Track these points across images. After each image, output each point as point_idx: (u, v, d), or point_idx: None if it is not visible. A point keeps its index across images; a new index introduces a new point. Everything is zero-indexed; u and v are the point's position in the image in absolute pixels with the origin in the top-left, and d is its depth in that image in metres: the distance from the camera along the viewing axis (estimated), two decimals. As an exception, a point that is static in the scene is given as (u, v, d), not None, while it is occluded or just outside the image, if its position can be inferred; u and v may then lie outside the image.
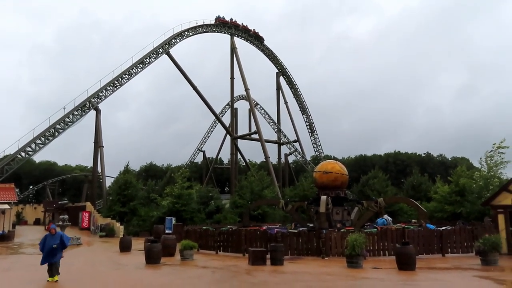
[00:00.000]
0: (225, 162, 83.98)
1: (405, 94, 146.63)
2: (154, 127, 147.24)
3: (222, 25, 55.42)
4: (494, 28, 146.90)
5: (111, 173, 51.09)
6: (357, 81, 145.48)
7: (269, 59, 63.34)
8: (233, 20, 57.74)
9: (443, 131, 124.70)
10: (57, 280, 11.04)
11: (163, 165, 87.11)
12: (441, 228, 17.70)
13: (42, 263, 11.20)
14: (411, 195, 34.91)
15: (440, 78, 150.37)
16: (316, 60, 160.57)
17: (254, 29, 60.80)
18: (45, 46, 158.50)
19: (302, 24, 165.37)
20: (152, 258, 14.96)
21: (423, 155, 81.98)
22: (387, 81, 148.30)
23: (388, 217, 23.71)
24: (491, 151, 26.00)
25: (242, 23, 58.77)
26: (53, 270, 11.16)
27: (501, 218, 17.01)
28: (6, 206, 30.53)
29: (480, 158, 27.28)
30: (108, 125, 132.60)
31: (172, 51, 48.24)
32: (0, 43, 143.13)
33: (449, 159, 79.49)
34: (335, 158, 70.57)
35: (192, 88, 49.25)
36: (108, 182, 50.67)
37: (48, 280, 10.98)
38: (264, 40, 62.74)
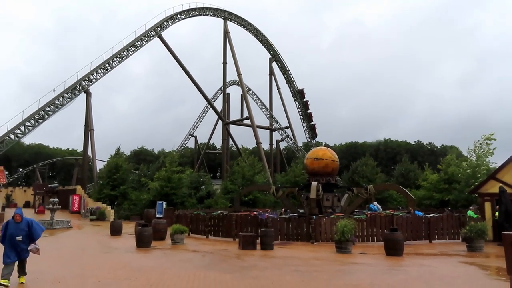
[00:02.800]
0: (217, 148, 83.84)
1: (407, 81, 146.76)
2: (153, 112, 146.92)
3: (215, 9, 54.72)
4: (499, 17, 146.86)
5: (105, 156, 50.86)
6: (360, 69, 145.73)
7: (262, 45, 62.82)
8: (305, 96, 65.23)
9: (441, 119, 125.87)
10: (22, 282, 8.22)
11: (153, 149, 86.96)
12: (429, 215, 17.94)
13: (4, 262, 7.97)
14: (401, 183, 35.26)
15: (442, 66, 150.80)
16: (321, 47, 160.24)
17: (308, 102, 65.75)
18: (43, 26, 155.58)
19: (303, 12, 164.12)
20: (142, 242, 15.00)
21: (413, 143, 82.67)
22: (390, 69, 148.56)
23: (377, 204, 23.99)
24: (478, 140, 26.32)
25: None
26: (9, 270, 7.91)
27: (487, 206, 17.29)
28: (-5, 189, 30.26)
29: (468, 148, 27.55)
30: (105, 108, 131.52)
31: (165, 34, 47.68)
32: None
33: (439, 147, 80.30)
34: (326, 145, 71.00)
35: (184, 73, 48.89)
36: (100, 165, 50.43)
37: None
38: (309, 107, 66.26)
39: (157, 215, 25.75)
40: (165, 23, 47.81)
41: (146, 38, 45.70)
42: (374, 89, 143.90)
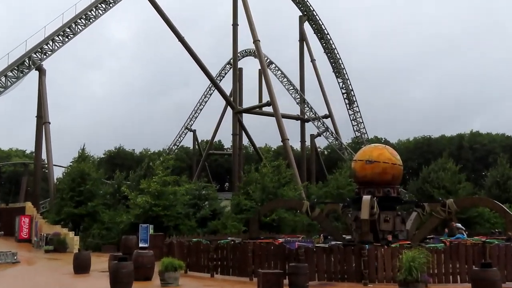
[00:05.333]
0: (225, 147, 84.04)
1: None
2: (140, 96, 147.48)
3: None
4: None
5: (70, 160, 51.10)
6: (440, 32, 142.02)
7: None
8: None
9: None
10: None
11: (133, 150, 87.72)
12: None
13: None
14: (496, 196, 34.67)
15: None
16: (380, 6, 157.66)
17: None
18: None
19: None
20: (120, 283, 15.07)
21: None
22: (487, 32, 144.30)
23: (462, 229, 23.65)
24: None
25: None
26: None
27: None
28: None
29: None
30: (76, 92, 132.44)
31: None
32: None
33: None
34: (385, 142, 70.29)
35: (178, 40, 49.22)
36: (59, 172, 50.97)
37: None
38: None
39: (141, 244, 25.94)
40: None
41: (123, -9, 46.18)
42: (466, 58, 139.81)
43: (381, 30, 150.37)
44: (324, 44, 65.74)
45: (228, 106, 57.78)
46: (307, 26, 63.62)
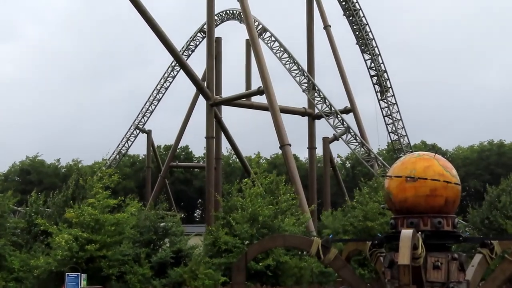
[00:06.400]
0: (195, 156, 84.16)
1: None
2: (75, 81, 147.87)
3: None
4: None
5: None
6: None
7: None
8: None
9: None
10: None
11: (58, 160, 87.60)
12: None
13: None
14: None
15: None
16: None
17: None
18: None
19: None
20: None
21: None
22: None
23: None
24: None
25: None
26: None
27: None
28: None
29: None
30: None
31: None
32: None
33: None
34: (433, 149, 70.46)
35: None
36: None
37: None
38: None
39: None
40: None
41: None
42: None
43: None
44: (343, 3, 65.81)
45: (200, 95, 57.83)
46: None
